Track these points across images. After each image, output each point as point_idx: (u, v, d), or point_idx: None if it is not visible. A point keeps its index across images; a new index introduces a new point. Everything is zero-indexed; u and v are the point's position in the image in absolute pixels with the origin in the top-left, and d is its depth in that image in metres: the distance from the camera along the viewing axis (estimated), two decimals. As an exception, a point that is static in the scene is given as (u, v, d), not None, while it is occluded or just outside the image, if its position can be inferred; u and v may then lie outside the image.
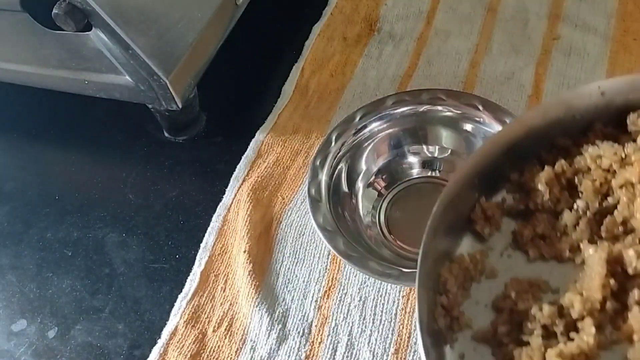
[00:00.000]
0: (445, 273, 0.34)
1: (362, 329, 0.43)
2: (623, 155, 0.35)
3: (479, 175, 0.36)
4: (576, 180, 0.36)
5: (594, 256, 0.32)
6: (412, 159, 0.49)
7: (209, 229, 0.49)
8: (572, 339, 0.31)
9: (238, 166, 0.52)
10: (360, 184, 0.48)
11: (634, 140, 0.35)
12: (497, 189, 0.38)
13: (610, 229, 0.34)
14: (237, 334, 0.44)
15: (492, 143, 0.37)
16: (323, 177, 0.46)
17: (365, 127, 0.48)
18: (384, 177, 0.49)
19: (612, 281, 0.32)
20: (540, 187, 0.36)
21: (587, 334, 0.30)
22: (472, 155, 0.37)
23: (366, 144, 0.48)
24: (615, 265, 0.32)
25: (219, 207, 0.50)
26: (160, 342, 0.44)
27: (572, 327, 0.32)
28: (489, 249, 0.36)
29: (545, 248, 0.35)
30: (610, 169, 0.35)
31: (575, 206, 0.35)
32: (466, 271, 0.35)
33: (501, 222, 0.37)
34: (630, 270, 0.32)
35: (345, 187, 0.47)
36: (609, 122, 0.37)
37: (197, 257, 0.47)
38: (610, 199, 0.35)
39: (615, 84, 0.36)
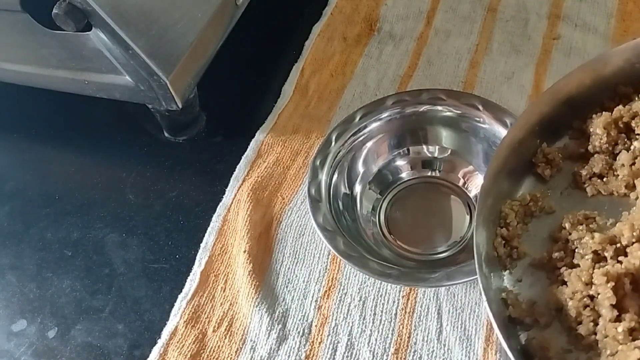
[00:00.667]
0: (506, 209, 0.38)
1: (362, 329, 0.43)
2: None
3: (540, 123, 0.39)
4: (633, 123, 0.39)
5: None
6: (412, 159, 0.49)
7: (209, 229, 0.49)
8: (621, 262, 0.33)
9: (238, 166, 0.52)
10: (360, 184, 0.48)
11: None
12: (560, 136, 0.41)
13: None
14: (237, 334, 0.44)
15: (552, 92, 0.39)
16: (323, 177, 0.46)
17: (365, 127, 0.48)
18: (384, 177, 0.49)
19: None
20: (598, 130, 0.39)
21: (635, 257, 0.33)
22: (532, 104, 0.39)
23: (366, 144, 0.48)
24: None
25: (219, 207, 0.50)
26: (160, 342, 0.44)
27: (622, 253, 0.34)
28: (550, 189, 0.39)
29: (602, 186, 0.38)
30: None
31: (632, 147, 0.38)
32: (526, 208, 0.38)
33: (562, 165, 0.40)
34: None
35: (345, 187, 0.47)
36: None
37: (197, 257, 0.47)
38: None
39: None
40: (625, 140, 0.39)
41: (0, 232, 0.52)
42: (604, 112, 0.39)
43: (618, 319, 0.32)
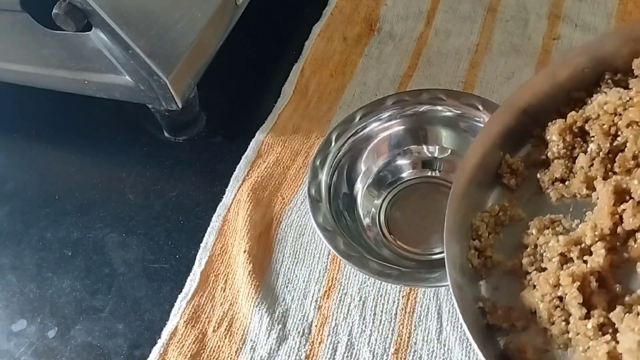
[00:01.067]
0: (477, 221, 0.39)
1: (362, 329, 0.43)
2: (627, 99, 0.38)
3: (502, 135, 0.41)
4: (587, 126, 0.40)
5: (603, 189, 0.36)
6: (412, 159, 0.49)
7: (209, 229, 0.49)
8: (586, 262, 0.34)
9: (238, 166, 0.52)
10: (360, 184, 0.48)
11: None
12: (523, 145, 0.42)
13: (623, 163, 0.37)
14: (237, 334, 0.44)
15: (509, 104, 0.41)
16: (323, 177, 0.46)
17: (365, 127, 0.48)
18: (384, 177, 0.49)
19: (620, 209, 0.35)
20: (554, 137, 0.40)
21: (599, 255, 0.34)
22: (491, 118, 0.41)
23: (366, 144, 0.48)
24: (623, 195, 0.36)
25: (219, 207, 0.50)
26: (160, 342, 0.44)
27: (587, 252, 0.35)
28: (517, 197, 0.40)
29: (564, 189, 0.39)
30: (616, 112, 0.38)
31: (589, 149, 0.39)
32: (497, 218, 0.40)
33: (526, 173, 0.41)
34: (636, 198, 0.35)
35: (345, 187, 0.47)
36: (617, 71, 0.41)
37: (197, 257, 0.47)
38: (619, 139, 0.38)
39: (614, 34, 0.41)
40: (582, 143, 0.40)
41: (0, 232, 0.52)
42: (558, 119, 0.40)
43: (587, 316, 0.33)
